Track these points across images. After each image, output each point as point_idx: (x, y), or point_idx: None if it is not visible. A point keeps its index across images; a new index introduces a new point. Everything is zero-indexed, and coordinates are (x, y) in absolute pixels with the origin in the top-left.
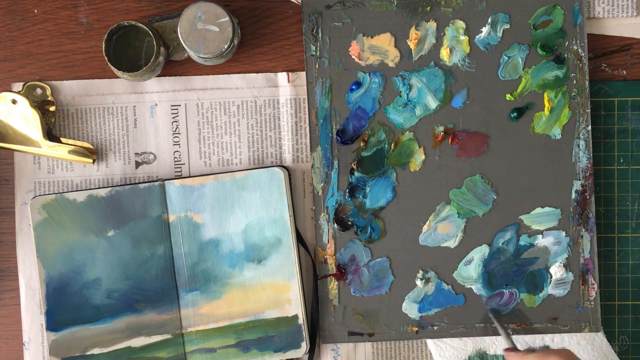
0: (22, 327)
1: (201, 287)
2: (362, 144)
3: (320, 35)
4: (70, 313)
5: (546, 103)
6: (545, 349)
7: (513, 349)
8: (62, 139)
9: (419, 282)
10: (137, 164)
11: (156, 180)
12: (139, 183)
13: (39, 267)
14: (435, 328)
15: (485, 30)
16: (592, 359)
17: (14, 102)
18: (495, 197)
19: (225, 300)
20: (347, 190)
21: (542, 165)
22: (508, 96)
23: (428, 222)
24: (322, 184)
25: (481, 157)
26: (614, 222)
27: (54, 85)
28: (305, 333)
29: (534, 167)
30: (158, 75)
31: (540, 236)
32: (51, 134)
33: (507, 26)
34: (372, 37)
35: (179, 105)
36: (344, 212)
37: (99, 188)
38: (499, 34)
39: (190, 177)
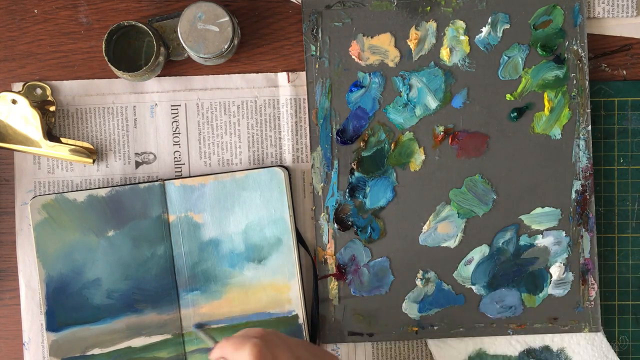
0: (22, 327)
1: (201, 287)
2: (362, 144)
3: (320, 35)
4: (70, 313)
5: (546, 103)
6: (245, 329)
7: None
8: (62, 139)
9: (419, 282)
10: (137, 164)
11: (156, 180)
12: (139, 183)
13: (39, 267)
14: (435, 328)
15: (485, 30)
16: (592, 359)
17: (14, 102)
18: (495, 197)
19: (225, 300)
20: (347, 190)
21: (542, 165)
22: (508, 96)
23: (428, 222)
24: (322, 184)
25: (481, 157)
26: (614, 222)
27: (54, 85)
28: (305, 333)
29: (534, 167)
30: (158, 75)
31: (540, 236)
32: (51, 134)
33: (507, 26)
34: (372, 37)
35: (179, 105)
36: (344, 212)
37: (99, 188)
38: (499, 34)
39: (190, 177)
